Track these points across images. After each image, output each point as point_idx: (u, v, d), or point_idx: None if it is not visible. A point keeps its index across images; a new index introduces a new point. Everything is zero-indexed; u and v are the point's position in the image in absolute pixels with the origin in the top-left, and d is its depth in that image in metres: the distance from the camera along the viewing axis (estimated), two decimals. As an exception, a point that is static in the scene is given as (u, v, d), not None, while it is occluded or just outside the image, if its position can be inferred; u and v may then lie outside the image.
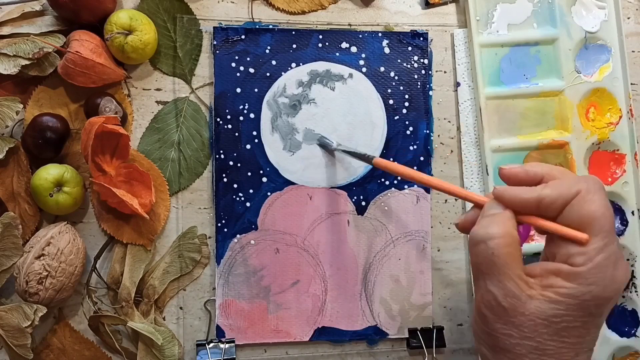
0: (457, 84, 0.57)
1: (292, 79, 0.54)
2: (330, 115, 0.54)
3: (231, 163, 0.53)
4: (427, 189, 0.56)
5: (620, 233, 0.57)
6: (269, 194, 0.53)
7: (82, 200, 0.50)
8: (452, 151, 0.57)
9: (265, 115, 0.54)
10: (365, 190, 0.55)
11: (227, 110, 0.53)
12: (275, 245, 0.53)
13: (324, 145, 0.54)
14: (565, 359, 0.35)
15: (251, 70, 0.53)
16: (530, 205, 0.36)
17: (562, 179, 0.36)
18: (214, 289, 0.53)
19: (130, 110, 0.52)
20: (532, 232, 0.57)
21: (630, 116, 0.58)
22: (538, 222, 0.37)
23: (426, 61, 0.56)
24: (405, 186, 0.55)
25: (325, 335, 0.54)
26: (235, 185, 0.53)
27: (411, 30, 0.56)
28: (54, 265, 0.46)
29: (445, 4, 0.57)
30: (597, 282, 0.34)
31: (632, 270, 0.58)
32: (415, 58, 0.56)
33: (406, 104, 0.56)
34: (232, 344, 0.52)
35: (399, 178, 0.55)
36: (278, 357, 0.54)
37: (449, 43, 0.57)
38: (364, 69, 0.55)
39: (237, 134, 0.53)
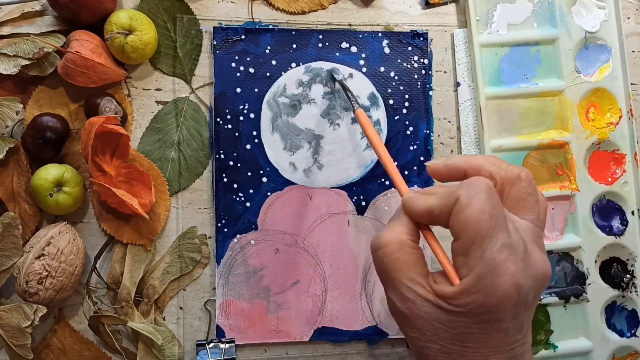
0: (457, 84, 0.57)
1: (292, 78, 0.54)
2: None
3: (231, 163, 0.53)
4: (427, 189, 0.56)
5: (621, 233, 0.58)
6: (269, 194, 0.53)
7: (82, 200, 0.50)
8: (452, 151, 0.57)
9: (265, 115, 0.54)
10: (365, 190, 0.55)
11: (227, 110, 0.53)
12: (275, 245, 0.53)
13: (332, 75, 0.54)
14: (477, 359, 0.34)
15: (251, 70, 0.53)
16: (425, 216, 0.36)
17: (449, 187, 0.35)
18: (214, 289, 0.53)
19: (130, 110, 0.52)
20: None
21: (630, 116, 0.58)
22: (429, 241, 0.37)
23: (426, 61, 0.56)
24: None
25: (325, 335, 0.54)
26: (235, 185, 0.53)
27: (411, 30, 0.56)
28: (54, 265, 0.46)
29: (445, 4, 0.57)
30: (478, 292, 0.32)
31: (632, 270, 0.58)
32: (415, 58, 0.56)
33: (406, 104, 0.56)
34: (232, 344, 0.52)
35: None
36: (278, 357, 0.54)
37: (449, 43, 0.57)
38: (364, 69, 0.55)
39: (237, 134, 0.53)
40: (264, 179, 0.53)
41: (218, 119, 0.53)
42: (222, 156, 0.53)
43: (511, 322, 0.34)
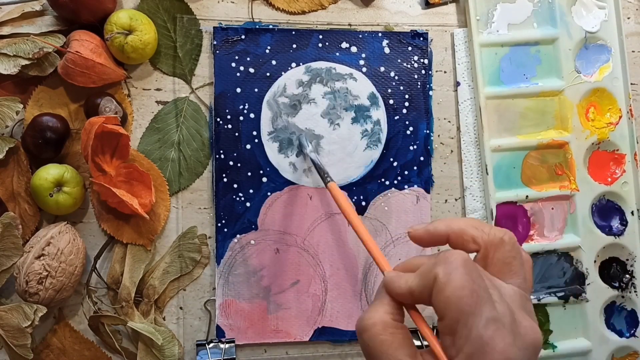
0: (457, 84, 0.57)
1: (292, 78, 0.54)
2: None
3: (231, 163, 0.53)
4: (427, 189, 0.56)
5: (620, 233, 0.58)
6: (269, 194, 0.53)
7: (82, 200, 0.50)
8: (452, 151, 0.57)
9: (265, 115, 0.54)
10: (365, 190, 0.55)
11: (227, 110, 0.53)
12: (275, 245, 0.53)
13: (301, 145, 0.53)
14: None
15: (251, 70, 0.53)
16: (407, 296, 0.35)
17: (426, 263, 0.34)
18: (214, 289, 0.53)
19: (130, 110, 0.52)
20: (532, 232, 0.57)
21: (630, 116, 0.58)
22: (416, 321, 0.36)
23: (426, 61, 0.56)
24: (405, 186, 0.55)
25: (325, 335, 0.54)
26: (235, 185, 0.53)
27: (411, 30, 0.56)
28: (54, 265, 0.46)
29: (445, 4, 0.57)
30: None
31: (632, 271, 0.58)
32: (415, 58, 0.56)
33: (406, 104, 0.56)
34: (232, 344, 0.52)
35: (399, 178, 0.55)
36: (278, 357, 0.54)
37: (449, 43, 0.57)
38: (364, 69, 0.55)
39: (237, 134, 0.53)
40: (264, 179, 0.53)
41: (218, 119, 0.53)
42: (222, 156, 0.53)
43: None
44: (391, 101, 0.55)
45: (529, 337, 0.33)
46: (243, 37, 0.54)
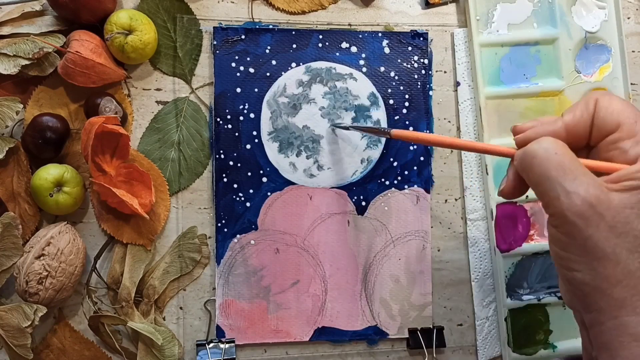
0: (457, 84, 0.57)
1: (292, 78, 0.54)
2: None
3: (231, 163, 0.53)
4: (427, 189, 0.56)
5: (620, 233, 0.57)
6: (269, 194, 0.53)
7: (82, 200, 0.50)
8: (452, 151, 0.57)
9: (265, 115, 0.54)
10: (365, 190, 0.55)
11: (227, 110, 0.53)
12: (275, 245, 0.53)
13: (338, 128, 0.54)
14: None
15: (251, 70, 0.53)
16: (561, 135, 0.37)
17: (571, 106, 0.38)
18: (214, 289, 0.53)
19: (130, 110, 0.52)
20: (532, 232, 0.57)
21: (630, 116, 0.58)
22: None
23: (426, 61, 0.56)
24: (405, 186, 0.55)
25: (325, 335, 0.54)
26: (235, 185, 0.53)
27: (411, 30, 0.56)
28: (54, 265, 0.46)
29: (445, 4, 0.57)
30: None
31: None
32: (415, 58, 0.56)
33: (406, 104, 0.56)
34: (232, 344, 0.52)
35: (399, 178, 0.55)
36: (278, 357, 0.54)
37: (449, 43, 0.57)
38: (364, 69, 0.55)
39: (237, 134, 0.53)
40: (264, 179, 0.53)
41: (218, 119, 0.53)
42: (222, 156, 0.53)
43: None
44: (391, 101, 0.55)
45: None
46: (243, 37, 0.54)
